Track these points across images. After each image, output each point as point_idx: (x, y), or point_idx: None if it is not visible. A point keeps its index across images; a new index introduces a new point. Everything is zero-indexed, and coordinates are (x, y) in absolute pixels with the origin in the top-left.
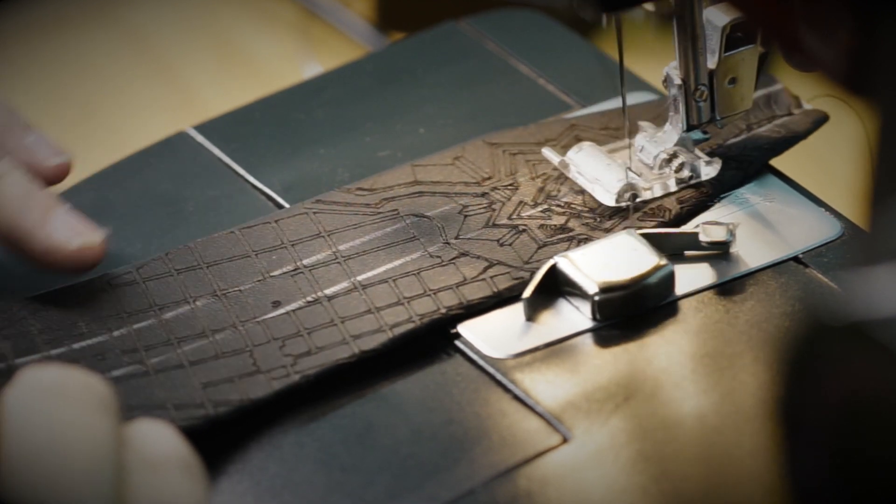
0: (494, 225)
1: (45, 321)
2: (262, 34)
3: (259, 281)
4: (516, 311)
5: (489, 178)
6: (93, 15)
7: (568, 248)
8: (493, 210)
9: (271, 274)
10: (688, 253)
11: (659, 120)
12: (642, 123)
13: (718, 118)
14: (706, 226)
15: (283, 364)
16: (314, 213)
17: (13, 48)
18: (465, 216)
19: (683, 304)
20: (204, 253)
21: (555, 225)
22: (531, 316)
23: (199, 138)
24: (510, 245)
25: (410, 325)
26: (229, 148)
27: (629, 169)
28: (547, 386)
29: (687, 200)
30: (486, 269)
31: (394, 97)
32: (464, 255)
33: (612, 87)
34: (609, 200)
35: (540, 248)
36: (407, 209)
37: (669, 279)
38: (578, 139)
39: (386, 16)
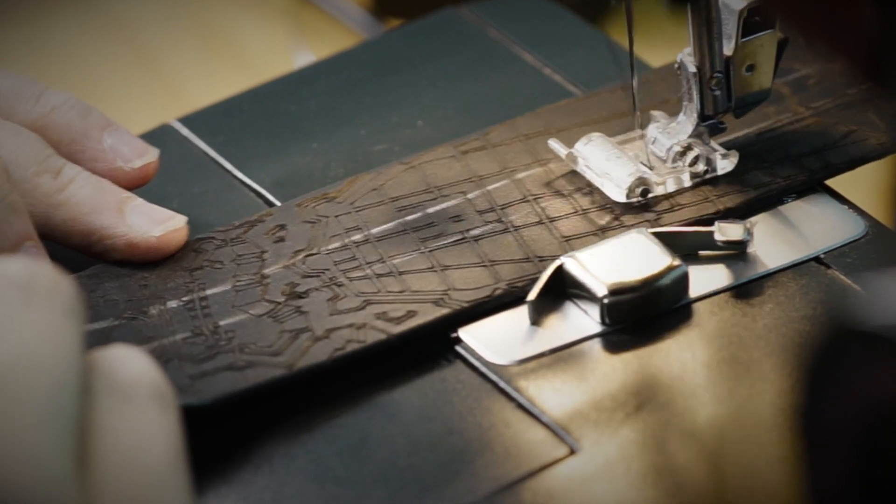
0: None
1: (397, 189)
2: (251, 21)
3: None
4: (520, 314)
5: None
6: (72, 2)
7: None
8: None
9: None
10: (702, 253)
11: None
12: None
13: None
14: (722, 224)
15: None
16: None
17: None
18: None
19: (698, 307)
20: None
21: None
22: (536, 320)
23: (185, 131)
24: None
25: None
26: (216, 142)
27: (641, 162)
28: (553, 394)
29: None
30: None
31: (390, 88)
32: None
33: (622, 76)
34: (619, 196)
35: None
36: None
37: (683, 280)
38: None
39: (382, 2)
